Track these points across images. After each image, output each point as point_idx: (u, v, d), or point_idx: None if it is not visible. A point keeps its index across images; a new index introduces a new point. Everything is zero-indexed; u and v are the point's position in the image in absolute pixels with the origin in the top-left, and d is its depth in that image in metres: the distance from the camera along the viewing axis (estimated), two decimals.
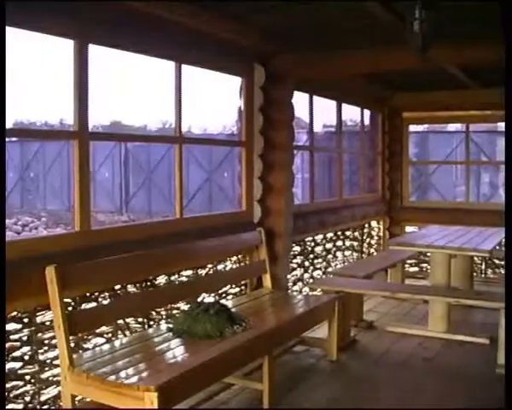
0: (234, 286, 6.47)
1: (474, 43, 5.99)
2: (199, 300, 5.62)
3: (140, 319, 5.17)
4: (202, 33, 5.46)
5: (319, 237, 8.44)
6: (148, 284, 5.26)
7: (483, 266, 10.52)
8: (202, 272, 5.99)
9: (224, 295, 6.28)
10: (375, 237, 10.55)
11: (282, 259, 6.81)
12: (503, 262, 9.71)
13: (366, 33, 6.03)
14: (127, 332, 5.01)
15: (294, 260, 7.82)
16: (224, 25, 5.55)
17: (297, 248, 7.84)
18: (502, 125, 17.74)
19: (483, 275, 10.48)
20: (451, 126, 18.31)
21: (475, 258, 9.76)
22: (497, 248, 9.60)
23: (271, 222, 6.73)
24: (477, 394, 5.50)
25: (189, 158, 20.57)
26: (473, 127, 12.63)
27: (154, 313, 5.33)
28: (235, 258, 6.48)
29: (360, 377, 5.90)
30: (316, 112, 8.38)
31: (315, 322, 6.17)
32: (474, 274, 9.83)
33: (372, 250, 10.36)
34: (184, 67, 5.66)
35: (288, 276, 7.36)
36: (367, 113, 10.51)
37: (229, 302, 5.88)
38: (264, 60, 6.65)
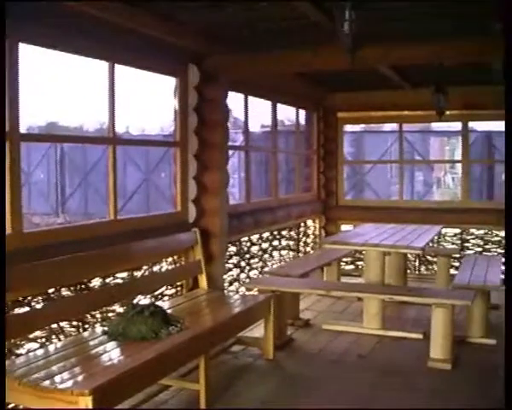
0: (170, 287, 6.44)
1: (405, 43, 6.11)
2: (134, 302, 5.57)
3: (74, 323, 5.12)
4: (135, 33, 5.42)
5: (255, 237, 8.48)
6: (83, 286, 5.20)
7: (417, 263, 10.74)
8: (138, 273, 5.95)
9: (159, 296, 6.25)
10: (311, 236, 10.64)
11: (218, 259, 6.83)
12: (435, 259, 9.94)
13: (299, 33, 6.08)
14: (61, 336, 4.95)
15: (230, 261, 7.83)
16: (157, 25, 5.53)
17: (233, 249, 7.86)
18: (435, 125, 18.14)
19: (417, 272, 10.70)
20: (387, 126, 18.59)
21: (409, 255, 9.96)
22: (430, 245, 9.85)
23: (207, 222, 6.74)
24: (409, 386, 5.63)
25: (127, 159, 20.38)
26: (406, 127, 12.86)
27: (88, 316, 5.27)
28: (170, 259, 6.45)
29: (296, 375, 5.94)
30: (254, 112, 8.42)
31: (251, 321, 6.19)
32: (408, 271, 10.04)
33: (308, 249, 10.45)
34: (121, 67, 5.62)
35: (225, 276, 7.37)
36: (303, 113, 10.60)
37: (164, 304, 5.86)
38: (199, 60, 6.65)
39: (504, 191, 3.54)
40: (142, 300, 5.84)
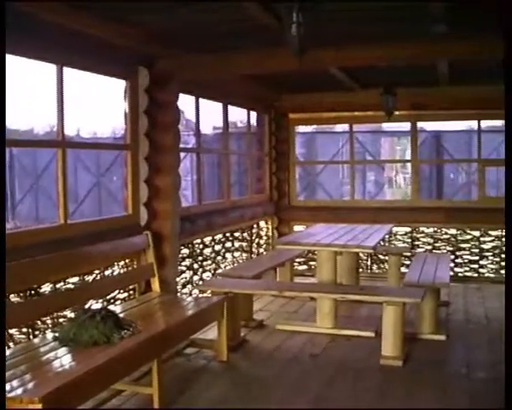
0: (122, 291, 6.40)
1: (354, 45, 6.20)
2: (86, 307, 5.53)
3: (24, 330, 5.05)
4: (83, 35, 5.38)
5: (208, 239, 8.47)
6: (33, 292, 5.13)
7: (369, 262, 10.86)
8: (89, 278, 5.90)
9: (111, 300, 6.21)
10: (264, 237, 10.68)
11: (171, 262, 6.81)
12: (387, 257, 10.06)
13: (250, 35, 6.11)
14: (11, 344, 4.88)
15: (183, 263, 7.80)
16: (105, 27, 5.51)
17: (186, 251, 7.84)
18: (386, 126, 18.34)
19: (369, 271, 10.83)
20: (339, 127, 18.76)
21: (361, 254, 10.07)
22: (382, 243, 9.98)
23: (158, 225, 6.72)
24: (362, 384, 5.69)
25: (78, 162, 20.18)
26: (357, 127, 12.99)
27: (39, 322, 5.21)
28: (122, 262, 6.41)
29: (250, 376, 5.96)
30: (207, 114, 8.41)
31: (204, 324, 6.18)
32: (360, 270, 10.15)
33: (261, 250, 10.49)
34: (71, 70, 5.58)
35: (177, 279, 7.36)
36: (254, 114, 10.63)
37: (117, 308, 5.81)
38: (149, 62, 6.63)
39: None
40: (94, 304, 5.79)
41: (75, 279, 5.68)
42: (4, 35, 3.30)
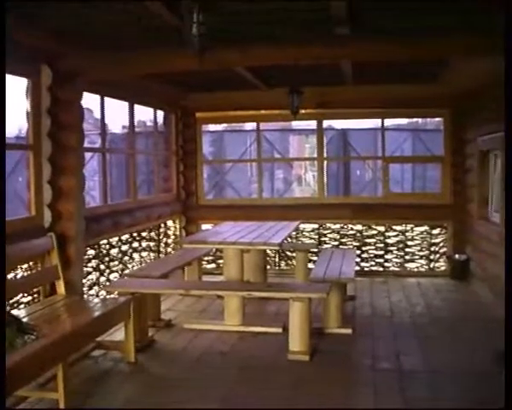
0: (26, 295, 6.25)
1: (258, 44, 6.25)
2: None
3: None
4: None
5: (114, 240, 8.37)
6: None
7: (277, 259, 10.98)
8: None
9: (15, 304, 6.05)
10: (172, 237, 10.64)
11: (76, 263, 6.70)
12: (294, 254, 10.20)
13: (156, 34, 6.06)
14: None
15: (89, 264, 7.69)
16: (7, 23, 5.35)
17: (92, 252, 7.72)
18: (295, 124, 18.53)
19: (277, 267, 10.95)
20: (248, 126, 18.87)
21: (268, 251, 10.17)
22: (289, 240, 10.11)
23: (63, 226, 6.59)
24: (270, 380, 5.77)
25: None
26: (266, 126, 13.12)
27: None
28: (26, 265, 6.26)
29: (159, 377, 5.93)
30: (117, 113, 8.31)
31: (110, 325, 6.11)
32: (269, 267, 10.26)
33: (169, 250, 10.44)
34: None
35: (84, 280, 7.25)
36: (162, 113, 10.58)
37: (20, 312, 5.68)
38: (52, 60, 6.48)
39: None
40: None
41: None
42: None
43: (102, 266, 8.05)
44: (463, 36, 5.96)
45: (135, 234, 9.03)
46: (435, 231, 10.69)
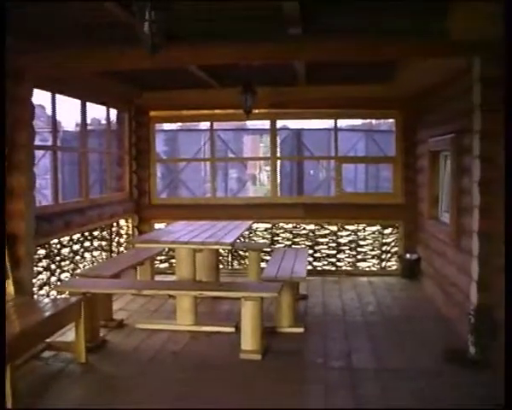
0: None
1: (211, 43, 6.25)
2: None
3: None
4: None
5: (66, 239, 8.27)
6: None
7: (230, 259, 10.98)
8: None
9: None
10: (125, 236, 10.56)
11: (26, 263, 6.59)
12: (247, 253, 10.21)
13: (107, 32, 6.02)
14: None
15: (40, 264, 7.58)
16: None
17: (42, 252, 7.62)
18: (250, 123, 18.54)
19: (230, 267, 10.94)
20: (203, 125, 18.80)
21: (221, 251, 10.16)
22: (242, 240, 10.12)
23: (12, 226, 6.47)
24: (223, 379, 5.78)
25: None
26: (220, 125, 13.08)
27: None
28: None
29: (110, 377, 5.89)
30: (71, 111, 8.20)
31: (61, 325, 6.05)
32: (221, 266, 10.26)
33: (122, 249, 10.36)
34: None
35: (34, 280, 7.15)
36: (115, 111, 10.50)
37: None
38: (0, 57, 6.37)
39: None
40: None
41: None
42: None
43: (53, 266, 7.94)
44: (415, 38, 6.05)
45: (86, 233, 8.93)
46: (387, 231, 10.81)
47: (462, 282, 6.89)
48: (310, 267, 10.35)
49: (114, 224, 10.09)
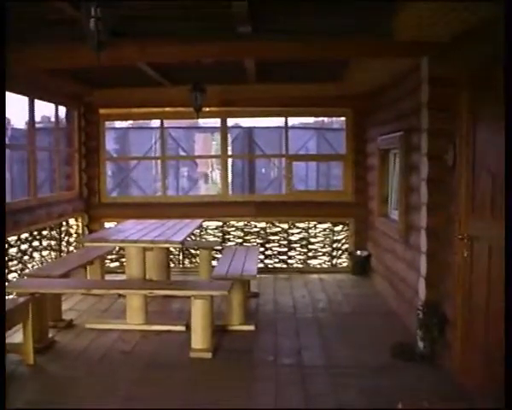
0: None
1: (159, 41, 6.23)
2: None
3: None
4: None
5: (13, 239, 8.14)
6: None
7: (181, 257, 10.95)
8: None
9: None
10: (74, 235, 10.44)
11: None
12: (198, 252, 10.21)
13: (54, 28, 5.93)
14: None
15: None
16: None
17: None
18: (201, 121, 18.51)
19: (181, 265, 10.92)
20: (154, 123, 18.67)
21: (172, 249, 10.14)
22: (193, 238, 10.11)
23: None
24: (173, 379, 5.77)
25: None
26: (171, 123, 13.00)
27: None
28: None
29: (60, 378, 5.83)
30: (21, 108, 8.07)
31: (8, 327, 5.90)
32: (173, 265, 10.24)
33: (71, 248, 10.24)
34: None
35: None
36: (64, 109, 10.37)
37: None
38: None
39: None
40: None
41: None
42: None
43: None
44: (361, 38, 6.12)
45: (35, 233, 8.80)
46: (338, 228, 10.91)
47: (411, 278, 6.99)
48: (261, 265, 10.40)
49: (64, 223, 9.97)
